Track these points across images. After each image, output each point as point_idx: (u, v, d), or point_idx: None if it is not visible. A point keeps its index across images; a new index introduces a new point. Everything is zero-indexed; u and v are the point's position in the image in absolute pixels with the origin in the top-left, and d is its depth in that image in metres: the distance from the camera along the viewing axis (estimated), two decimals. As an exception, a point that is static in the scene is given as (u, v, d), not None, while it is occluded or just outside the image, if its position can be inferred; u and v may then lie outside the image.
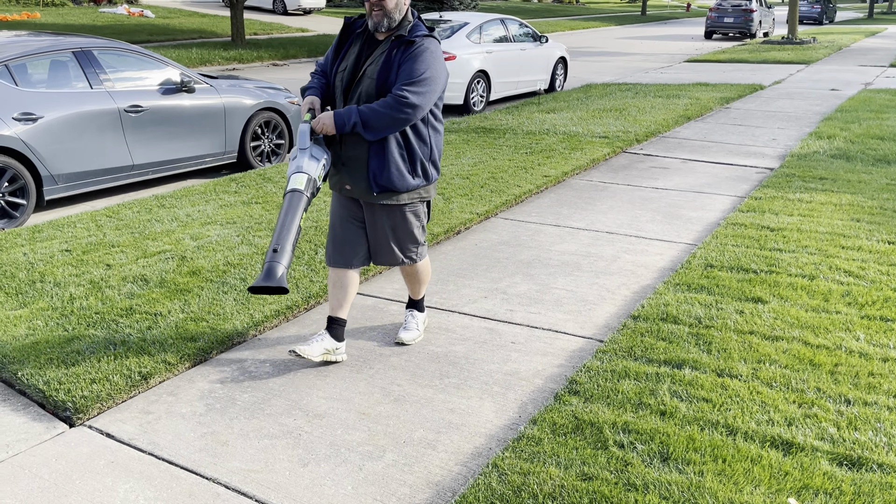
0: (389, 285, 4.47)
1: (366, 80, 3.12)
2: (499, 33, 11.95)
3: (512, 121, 9.82)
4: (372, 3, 3.07)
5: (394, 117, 3.02)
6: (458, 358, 3.57)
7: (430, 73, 3.06)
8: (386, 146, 3.12)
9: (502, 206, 6.04)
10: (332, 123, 3.06)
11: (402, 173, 3.18)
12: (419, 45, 3.07)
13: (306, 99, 3.22)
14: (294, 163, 3.11)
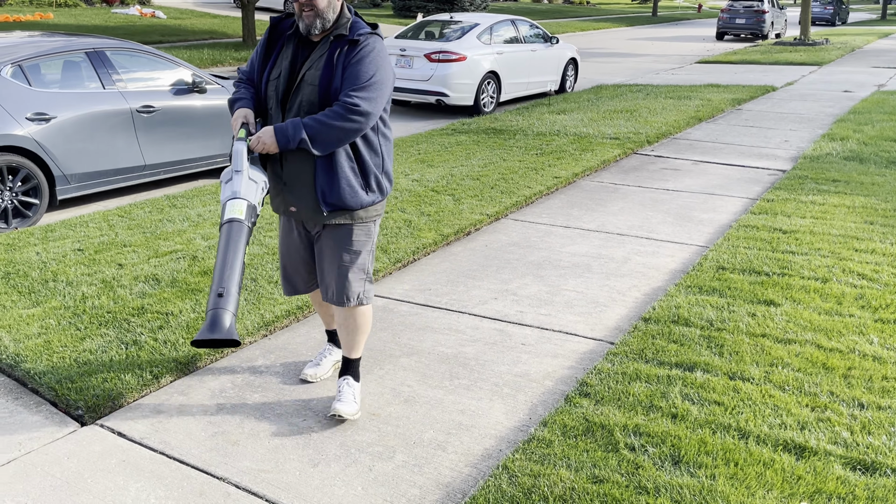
0: (399, 286, 4.47)
1: (305, 88, 2.75)
2: (509, 34, 11.94)
3: (522, 122, 9.80)
4: (301, 4, 2.71)
5: (344, 128, 2.66)
6: (469, 359, 3.57)
7: (378, 75, 2.72)
8: (334, 160, 2.75)
9: (512, 208, 6.03)
10: (273, 141, 2.67)
11: (354, 189, 2.81)
12: (364, 45, 2.74)
13: (237, 112, 2.79)
14: (229, 187, 2.64)
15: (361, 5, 37.52)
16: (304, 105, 2.75)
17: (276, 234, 5.23)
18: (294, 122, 2.67)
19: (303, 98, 2.75)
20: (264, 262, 4.66)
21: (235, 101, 2.85)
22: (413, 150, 8.04)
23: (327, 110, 2.67)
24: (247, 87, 2.88)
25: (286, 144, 2.67)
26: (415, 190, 6.38)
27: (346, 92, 2.67)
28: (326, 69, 2.72)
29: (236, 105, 2.83)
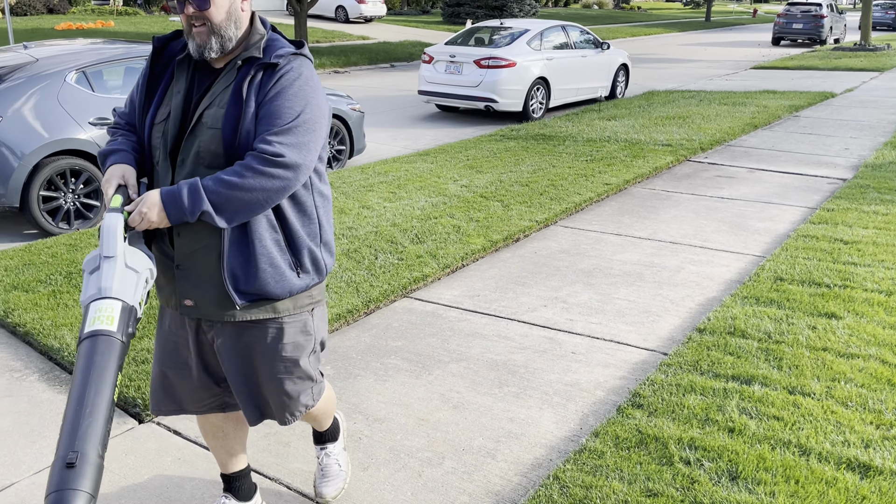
0: (448, 292, 4.47)
1: (204, 132, 1.96)
2: (559, 40, 11.88)
3: (572, 128, 9.72)
4: (189, 16, 1.94)
5: (264, 188, 1.89)
6: (518, 367, 3.54)
7: (309, 111, 1.96)
8: (251, 229, 1.98)
9: (562, 214, 5.98)
10: (161, 214, 1.88)
11: (279, 270, 2.04)
12: (286, 71, 1.96)
13: (110, 171, 1.99)
14: (94, 281, 1.79)
15: (411, 12, 37.82)
16: (203, 156, 1.96)
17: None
18: (191, 184, 1.88)
19: (201, 147, 1.96)
20: (315, 265, 4.71)
21: (108, 153, 2.04)
22: (461, 156, 8.05)
23: (237, 165, 1.89)
24: (126, 135, 2.11)
25: (180, 217, 1.88)
26: (463, 196, 6.38)
27: (263, 136, 1.90)
28: (233, 106, 1.94)
29: (109, 160, 2.02)
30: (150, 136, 2.05)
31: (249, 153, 1.91)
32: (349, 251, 4.96)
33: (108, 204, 1.91)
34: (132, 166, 2.02)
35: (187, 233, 1.98)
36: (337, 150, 8.01)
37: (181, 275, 2.03)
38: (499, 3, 30.33)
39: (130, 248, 1.85)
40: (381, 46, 22.08)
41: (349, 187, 6.66)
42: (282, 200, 1.98)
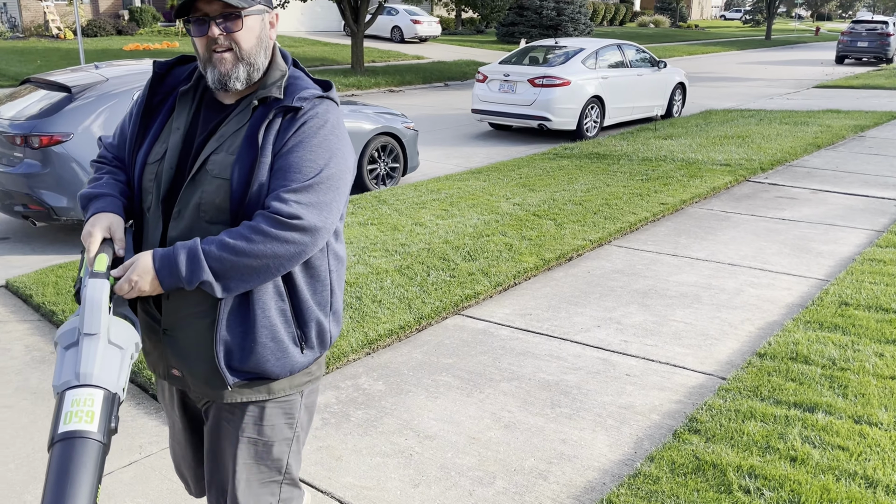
0: (500, 310, 4.45)
1: (208, 181, 1.67)
2: (615, 59, 11.80)
3: (627, 147, 9.62)
4: (211, 39, 1.65)
5: (275, 255, 1.60)
6: (570, 387, 3.50)
7: (334, 165, 1.67)
8: (253, 298, 1.68)
9: (616, 234, 5.90)
10: (154, 282, 1.60)
11: (282, 345, 1.73)
12: (311, 117, 1.68)
13: (94, 220, 1.67)
14: (70, 362, 1.47)
15: (465, 32, 38.15)
16: (204, 210, 1.66)
17: (381, 254, 5.33)
18: (190, 249, 1.59)
19: (203, 198, 1.66)
20: (368, 280, 4.76)
21: (92, 197, 1.72)
22: (514, 175, 8.04)
23: (245, 226, 1.60)
24: (113, 173, 1.80)
25: (174, 285, 1.60)
26: (516, 214, 6.36)
27: (278, 193, 1.61)
28: (245, 153, 1.65)
29: (93, 206, 1.71)
30: (141, 176, 1.75)
31: (260, 212, 1.61)
32: (402, 267, 4.99)
33: (89, 264, 1.58)
34: (120, 215, 1.70)
35: (178, 296, 1.67)
36: (391, 168, 8.11)
37: (169, 341, 1.73)
38: (553, 23, 30.36)
39: (114, 319, 1.53)
40: (435, 66, 22.32)
41: (402, 204, 6.72)
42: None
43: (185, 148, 1.73)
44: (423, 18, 30.97)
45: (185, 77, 1.81)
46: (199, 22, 1.65)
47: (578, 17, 30.61)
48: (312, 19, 33.67)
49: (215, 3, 1.63)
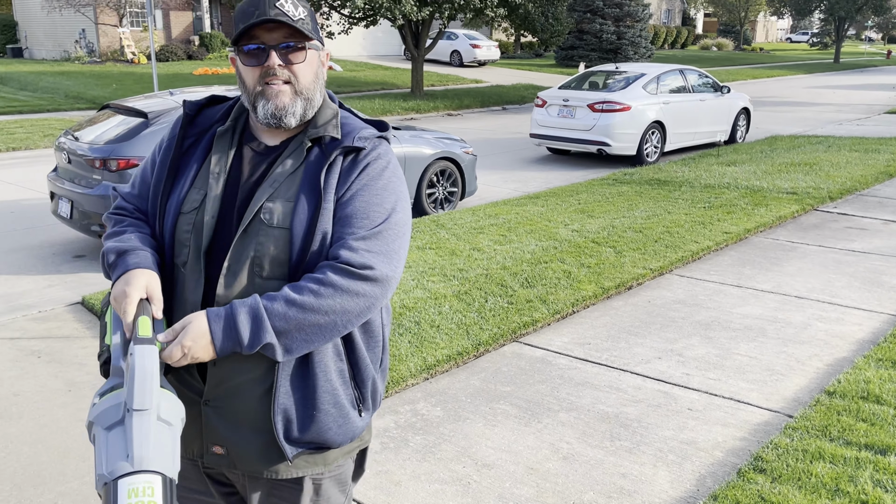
0: (558, 338, 4.43)
1: (264, 233, 1.50)
2: (676, 84, 11.68)
3: (688, 173, 9.48)
4: (267, 69, 1.51)
5: (345, 310, 1.45)
6: (630, 420, 3.45)
7: (400, 210, 1.55)
8: (313, 360, 1.51)
9: (678, 263, 5.81)
10: (208, 344, 1.40)
11: (343, 411, 1.57)
12: (374, 159, 1.56)
13: (128, 279, 1.46)
14: (117, 444, 1.25)
15: (524, 56, 38.32)
16: (260, 264, 1.49)
17: (439, 279, 5.37)
18: (251, 308, 1.42)
19: (259, 251, 1.49)
20: (426, 305, 4.80)
21: (121, 253, 1.52)
22: (573, 200, 8.01)
23: (309, 279, 1.45)
24: (137, 226, 1.60)
25: (231, 350, 1.42)
26: (574, 240, 6.33)
27: (346, 242, 1.48)
28: (306, 199, 1.50)
29: (122, 262, 1.50)
30: (174, 227, 1.55)
31: (328, 264, 1.46)
32: (460, 293, 5.02)
33: (127, 328, 1.39)
34: (156, 272, 1.49)
35: (227, 361, 1.48)
36: (449, 192, 8.18)
37: (211, 413, 1.53)
38: (613, 46, 30.25)
39: (163, 392, 1.31)
40: (493, 90, 22.47)
41: (460, 229, 6.77)
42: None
43: (229, 195, 1.55)
44: (483, 43, 31.27)
45: (220, 118, 1.64)
46: (255, 50, 1.51)
47: (639, 40, 30.43)
48: (374, 44, 34.38)
49: (278, 32, 1.50)
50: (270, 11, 1.47)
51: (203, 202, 1.55)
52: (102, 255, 1.56)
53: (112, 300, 1.47)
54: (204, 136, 1.63)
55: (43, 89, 18.94)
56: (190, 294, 1.53)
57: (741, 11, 52.30)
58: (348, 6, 17.29)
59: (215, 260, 1.52)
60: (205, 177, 1.58)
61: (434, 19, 19.00)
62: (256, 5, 1.49)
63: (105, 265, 1.55)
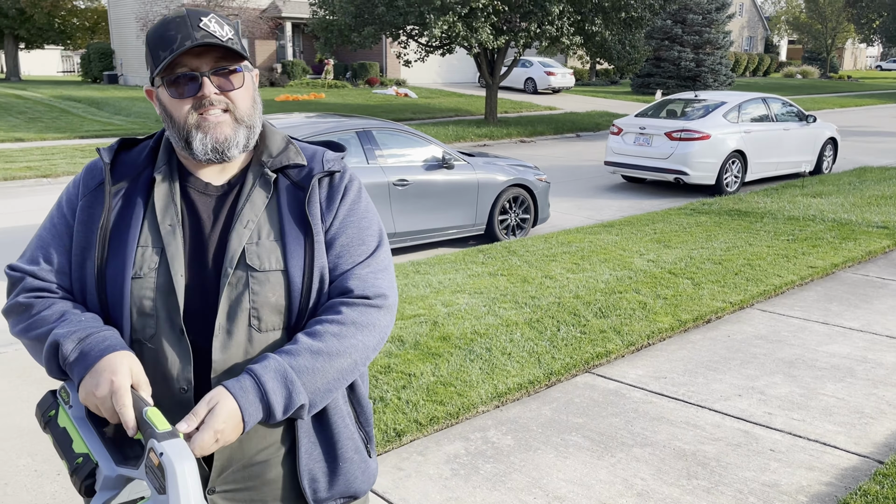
0: (633, 371, 4.34)
1: (253, 280, 1.33)
2: (759, 112, 11.38)
3: (771, 204, 9.18)
4: (202, 98, 1.32)
5: (364, 346, 1.35)
6: (708, 459, 3.33)
7: (382, 232, 1.47)
8: (328, 407, 1.39)
9: (759, 297, 5.62)
10: (238, 423, 1.23)
11: (362, 455, 1.47)
12: (350, 181, 1.45)
13: (106, 366, 1.22)
14: None
15: (599, 83, 38.10)
16: (255, 317, 1.33)
17: (511, 305, 5.36)
18: (275, 369, 1.26)
19: (255, 301, 1.33)
20: (498, 332, 4.79)
21: (81, 338, 1.26)
22: (648, 229, 7.87)
23: (324, 321, 1.32)
24: (77, 306, 1.34)
25: (255, 423, 1.26)
26: (650, 271, 6.21)
27: (354, 272, 1.37)
28: (296, 234, 1.36)
29: (88, 348, 1.25)
30: (125, 298, 1.31)
31: (339, 301, 1.34)
32: (531, 321, 4.99)
33: (129, 425, 1.17)
34: (132, 353, 1.27)
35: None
36: (521, 219, 8.17)
37: (226, 498, 1.35)
38: (692, 74, 29.75)
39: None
40: (567, 116, 22.40)
41: (532, 256, 6.74)
42: None
43: (193, 247, 1.34)
44: (557, 70, 31.29)
45: (144, 162, 1.40)
46: (183, 79, 1.31)
47: (719, 67, 29.82)
48: (449, 71, 34.89)
49: (208, 55, 1.32)
50: (196, 34, 1.29)
51: (162, 261, 1.32)
52: (51, 347, 1.26)
53: (91, 396, 1.20)
54: (133, 186, 1.38)
55: (135, 114, 20.00)
56: (174, 370, 1.30)
57: (828, 38, 50.66)
58: (426, 35, 17.64)
59: (193, 324, 1.31)
60: (153, 231, 1.34)
61: (509, 47, 19.15)
62: (177, 28, 1.30)
63: (56, 358, 1.26)
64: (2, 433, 3.53)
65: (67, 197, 1.41)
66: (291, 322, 1.34)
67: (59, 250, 1.37)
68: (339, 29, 18.48)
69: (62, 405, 1.26)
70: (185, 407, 1.29)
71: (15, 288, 1.37)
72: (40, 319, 1.31)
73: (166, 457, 1.09)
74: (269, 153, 1.42)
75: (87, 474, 1.18)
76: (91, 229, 1.35)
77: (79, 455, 1.20)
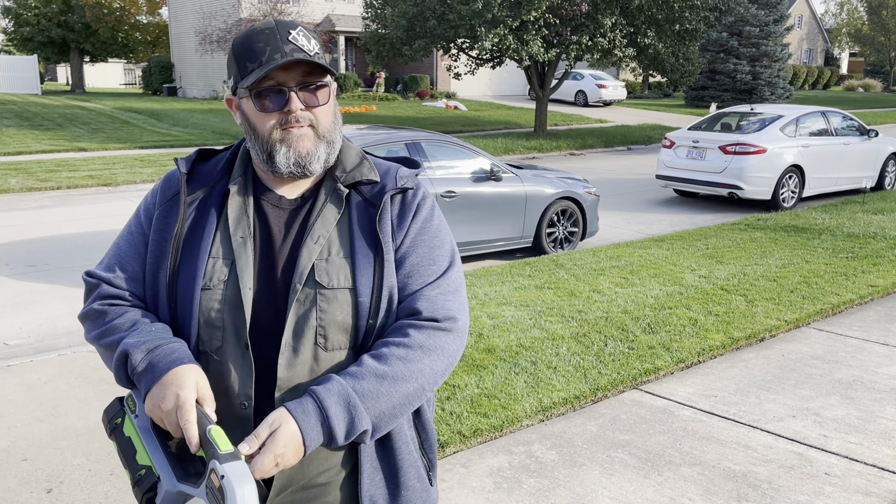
0: (682, 388, 4.25)
1: (321, 297, 1.31)
2: (817, 126, 11.07)
3: (829, 220, 8.91)
4: (286, 114, 1.31)
5: (432, 371, 1.31)
6: (760, 481, 3.23)
7: (456, 250, 1.43)
8: (393, 432, 1.36)
9: (816, 316, 5.44)
10: (300, 447, 1.21)
11: (424, 483, 1.43)
12: (422, 198, 1.42)
13: (173, 379, 1.21)
14: None
15: (652, 95, 37.65)
16: (322, 335, 1.31)
17: (557, 319, 5.31)
18: (338, 393, 1.23)
19: (322, 319, 1.30)
20: (543, 345, 4.75)
21: (150, 349, 1.26)
22: (700, 245, 7.71)
23: (390, 343, 1.29)
24: (147, 315, 1.35)
25: (326, 445, 1.25)
26: (702, 287, 6.08)
27: (423, 293, 1.34)
28: (366, 251, 1.34)
29: (156, 359, 1.25)
30: (194, 309, 1.30)
31: (406, 322, 1.31)
32: (578, 335, 4.93)
33: (192, 442, 1.15)
34: (199, 367, 1.26)
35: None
36: (570, 232, 8.11)
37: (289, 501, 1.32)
38: (748, 87, 29.17)
39: None
40: (618, 129, 22.18)
41: (580, 269, 6.68)
42: None
43: (263, 260, 1.33)
44: (609, 83, 31.04)
45: (220, 173, 1.41)
46: (270, 93, 1.31)
47: (776, 80, 29.18)
48: (499, 84, 34.95)
49: (295, 70, 1.30)
50: (286, 48, 1.28)
51: (231, 273, 1.32)
52: (120, 356, 1.26)
53: (156, 409, 1.20)
54: (208, 197, 1.38)
55: (193, 125, 20.59)
56: (234, 385, 1.29)
57: (891, 51, 49.05)
58: (476, 48, 17.72)
59: (260, 339, 1.30)
60: (225, 243, 1.34)
61: (560, 60, 19.09)
62: (266, 41, 1.29)
63: (125, 367, 1.27)
64: (59, 433, 3.65)
65: (145, 206, 1.43)
66: (358, 342, 1.32)
67: (134, 259, 1.39)
68: (391, 42, 18.72)
69: (128, 414, 1.27)
70: (245, 422, 1.29)
71: (91, 294, 1.39)
72: (112, 328, 1.32)
73: (227, 480, 1.07)
74: (342, 168, 1.40)
75: (149, 487, 1.18)
76: (165, 239, 1.36)
77: (141, 467, 1.20)
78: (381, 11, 19.21)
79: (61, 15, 35.61)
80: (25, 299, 5.97)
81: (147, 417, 1.23)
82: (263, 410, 1.28)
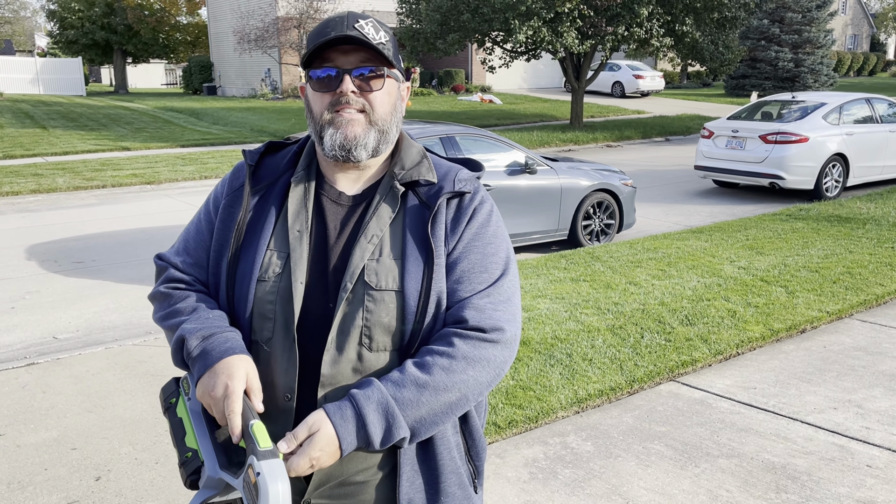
0: (720, 380, 4.20)
1: (368, 297, 1.30)
2: (862, 114, 10.79)
3: (875, 210, 8.68)
4: (339, 95, 1.32)
5: (477, 382, 1.29)
6: (799, 473, 3.19)
7: (512, 259, 1.40)
8: (435, 437, 1.34)
9: (859, 307, 5.33)
10: (336, 450, 1.22)
11: (466, 491, 1.38)
12: (480, 203, 1.39)
13: (224, 368, 1.24)
14: None
15: (691, 85, 37.03)
16: (367, 336, 1.30)
17: (593, 311, 5.30)
18: (377, 400, 1.23)
19: (368, 319, 1.30)
20: (579, 337, 4.74)
21: (206, 336, 1.29)
22: (740, 236, 7.60)
23: (433, 352, 1.28)
24: (205, 300, 1.38)
25: (364, 449, 1.26)
26: (741, 278, 5.99)
27: (471, 302, 1.31)
28: (416, 253, 1.32)
29: (210, 347, 1.28)
30: (249, 295, 1.32)
31: (452, 331, 1.28)
32: (614, 327, 4.92)
33: (235, 431, 1.18)
34: (251, 357, 1.29)
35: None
36: (606, 224, 8.05)
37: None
38: (790, 75, 28.51)
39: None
40: (655, 120, 21.88)
41: (616, 262, 6.63)
42: None
43: (317, 255, 1.33)
44: (646, 73, 30.62)
45: (286, 166, 1.42)
46: (326, 74, 1.32)
47: (820, 67, 28.46)
48: (535, 76, 34.74)
49: (354, 55, 1.32)
50: (347, 31, 1.30)
51: (286, 266, 1.33)
52: (178, 340, 1.31)
53: (206, 395, 1.24)
54: (272, 189, 1.40)
55: (232, 123, 20.92)
56: (280, 377, 1.30)
57: (942, 33, 47.39)
58: (511, 41, 17.65)
59: (307, 334, 1.30)
60: (282, 235, 1.35)
61: (596, 51, 18.90)
62: (333, 26, 1.32)
63: (181, 351, 1.30)
64: (107, 423, 3.78)
65: (214, 195, 1.46)
66: (403, 344, 1.30)
67: (200, 246, 1.42)
68: (425, 37, 18.74)
69: (182, 395, 1.31)
70: (287, 414, 1.30)
71: (160, 276, 1.45)
72: (175, 311, 1.36)
73: (262, 478, 1.10)
74: (401, 165, 1.39)
75: (193, 470, 1.22)
76: (229, 228, 1.38)
77: (189, 449, 1.24)
78: (416, 6, 19.24)
79: (104, 17, 36.47)
80: (73, 295, 6.17)
81: (199, 402, 1.28)
82: (305, 405, 1.29)
